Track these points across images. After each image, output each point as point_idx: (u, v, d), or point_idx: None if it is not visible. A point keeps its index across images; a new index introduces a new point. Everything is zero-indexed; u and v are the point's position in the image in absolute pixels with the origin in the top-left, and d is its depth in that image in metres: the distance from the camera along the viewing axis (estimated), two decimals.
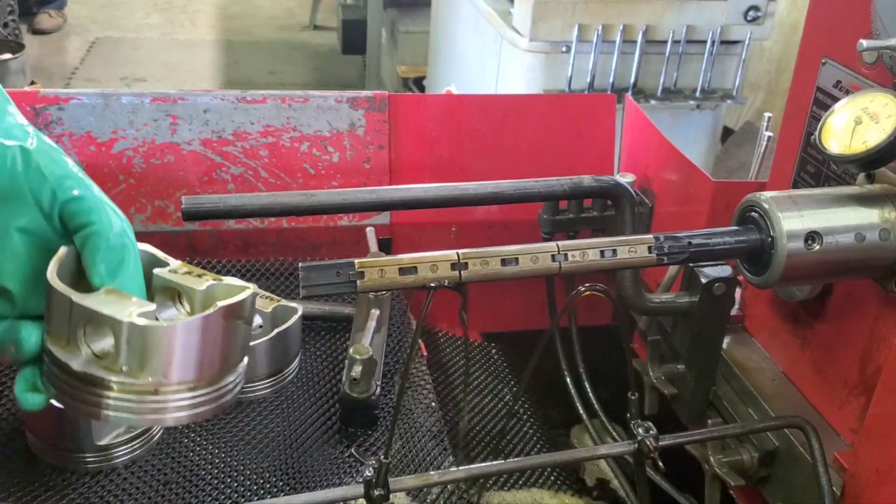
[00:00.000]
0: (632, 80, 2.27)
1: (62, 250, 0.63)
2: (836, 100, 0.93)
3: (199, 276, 0.63)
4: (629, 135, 1.47)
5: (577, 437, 1.46)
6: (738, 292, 1.13)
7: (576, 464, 1.36)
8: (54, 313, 0.59)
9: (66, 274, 0.63)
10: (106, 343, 0.58)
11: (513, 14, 2.31)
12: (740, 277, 0.99)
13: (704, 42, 2.27)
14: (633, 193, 1.13)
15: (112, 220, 0.64)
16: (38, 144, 0.65)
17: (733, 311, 1.11)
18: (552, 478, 1.31)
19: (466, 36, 2.77)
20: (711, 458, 1.05)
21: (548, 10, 2.18)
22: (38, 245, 0.64)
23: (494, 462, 0.98)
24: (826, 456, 0.93)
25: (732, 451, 1.05)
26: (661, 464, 0.95)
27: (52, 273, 0.60)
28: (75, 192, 0.64)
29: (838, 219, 0.85)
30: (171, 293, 0.65)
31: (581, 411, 1.42)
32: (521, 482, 1.29)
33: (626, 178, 1.20)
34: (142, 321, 0.56)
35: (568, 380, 1.43)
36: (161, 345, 0.56)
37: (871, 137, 0.82)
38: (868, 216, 0.85)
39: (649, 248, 0.84)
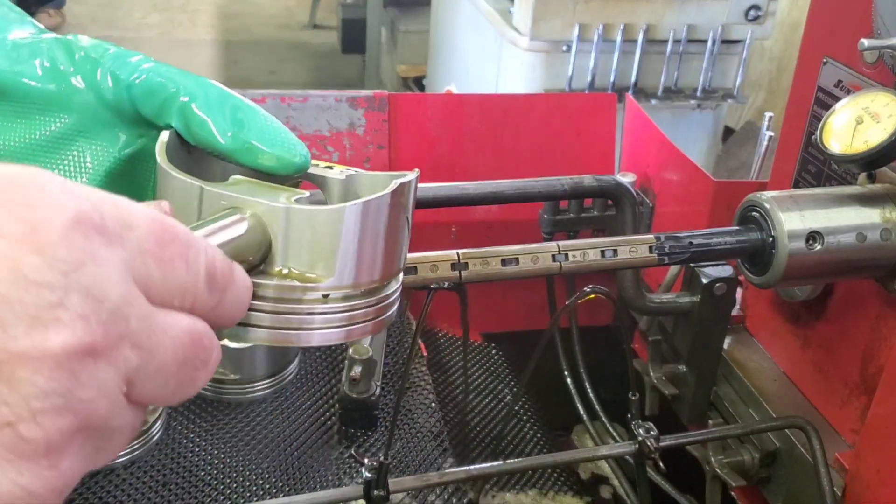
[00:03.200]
0: (632, 79, 2.26)
1: (164, 134, 0.48)
2: (837, 99, 0.92)
3: (328, 166, 0.51)
4: (630, 134, 1.46)
5: (578, 437, 1.45)
6: (739, 292, 1.13)
7: (576, 464, 1.36)
8: (174, 203, 0.44)
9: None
10: None
11: (513, 13, 2.31)
12: (741, 277, 0.99)
13: (705, 41, 2.26)
14: (634, 193, 1.12)
15: (201, 79, 0.49)
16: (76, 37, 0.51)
17: (734, 312, 1.11)
18: (552, 478, 1.31)
19: (466, 35, 2.77)
20: (712, 459, 1.04)
21: (548, 10, 2.18)
22: (109, 150, 0.51)
23: (494, 463, 0.97)
24: (827, 456, 0.93)
25: (733, 451, 1.05)
26: (661, 464, 0.94)
27: (164, 160, 0.46)
28: (144, 66, 0.49)
29: (839, 219, 0.85)
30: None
31: (581, 412, 1.42)
32: (521, 483, 1.28)
33: (626, 178, 1.20)
34: (308, 207, 0.42)
35: (568, 380, 1.43)
36: (330, 236, 0.43)
37: (872, 137, 0.82)
38: (869, 216, 0.85)
39: (650, 247, 0.84)
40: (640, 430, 0.93)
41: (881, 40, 0.85)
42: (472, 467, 0.93)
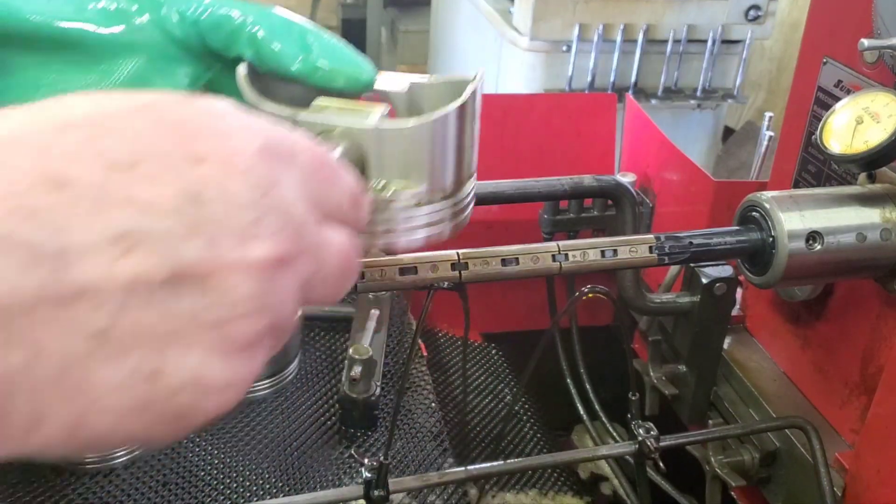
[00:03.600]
0: (632, 79, 2.26)
1: (241, 67, 0.49)
2: (837, 99, 0.92)
3: (389, 76, 0.53)
4: (630, 134, 1.46)
5: (578, 437, 1.45)
6: (739, 292, 1.13)
7: (576, 464, 1.36)
8: None
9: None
10: None
11: (513, 13, 2.31)
12: (741, 277, 0.99)
13: (705, 41, 2.26)
14: (634, 193, 1.12)
15: (263, 8, 0.50)
16: None
17: (734, 312, 1.11)
18: (552, 478, 1.31)
19: (466, 35, 2.77)
20: (712, 459, 1.05)
21: (548, 10, 2.18)
22: (181, 86, 0.52)
23: (495, 463, 0.97)
24: (827, 456, 0.93)
25: (733, 451, 1.05)
26: (661, 464, 0.94)
27: (252, 93, 0.48)
28: (206, 0, 0.50)
29: (839, 219, 0.85)
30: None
31: (581, 412, 1.42)
32: (521, 483, 1.28)
33: (626, 178, 1.20)
34: (396, 125, 0.46)
35: (568, 380, 1.43)
36: (418, 149, 0.47)
37: (872, 137, 0.82)
38: (869, 216, 0.85)
39: (650, 247, 0.84)
40: (641, 430, 0.93)
41: (881, 40, 0.85)
42: (472, 467, 0.93)
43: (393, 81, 0.54)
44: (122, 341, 0.28)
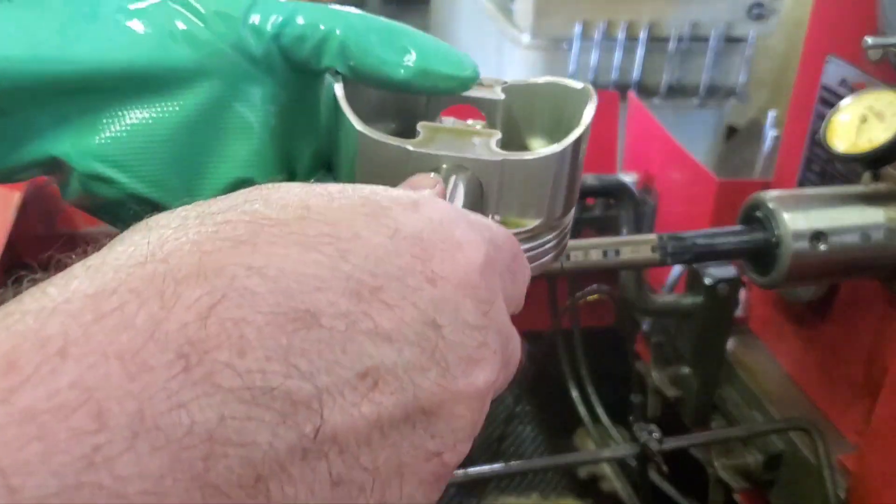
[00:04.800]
0: (635, 77, 2.25)
1: (338, 89, 0.45)
2: (842, 97, 0.91)
3: (490, 85, 0.49)
4: (632, 133, 1.45)
5: (580, 439, 1.44)
6: (742, 293, 1.12)
7: (577, 466, 1.35)
8: (376, 169, 0.43)
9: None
10: None
11: (514, 11, 2.30)
12: (745, 278, 0.98)
13: (708, 39, 2.25)
14: (636, 192, 1.12)
15: (341, 12, 0.44)
16: None
17: (738, 313, 1.10)
18: (554, 481, 1.30)
19: (467, 33, 2.76)
20: (715, 462, 1.04)
21: (550, 7, 2.17)
22: (265, 106, 0.46)
23: (495, 465, 0.97)
24: (832, 458, 0.92)
25: (737, 454, 1.04)
26: (664, 467, 0.94)
27: (358, 122, 0.43)
28: (284, 13, 0.44)
29: (844, 218, 0.84)
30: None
31: (583, 414, 1.41)
32: (522, 486, 1.28)
33: (629, 177, 1.19)
34: (521, 157, 0.43)
35: (570, 382, 1.42)
36: (541, 180, 0.43)
37: (876, 136, 0.81)
38: (874, 215, 0.84)
39: (652, 247, 0.83)
40: (643, 433, 0.93)
41: (885, 38, 0.85)
42: (472, 469, 0.93)
43: (483, 87, 0.48)
44: (354, 484, 0.26)
